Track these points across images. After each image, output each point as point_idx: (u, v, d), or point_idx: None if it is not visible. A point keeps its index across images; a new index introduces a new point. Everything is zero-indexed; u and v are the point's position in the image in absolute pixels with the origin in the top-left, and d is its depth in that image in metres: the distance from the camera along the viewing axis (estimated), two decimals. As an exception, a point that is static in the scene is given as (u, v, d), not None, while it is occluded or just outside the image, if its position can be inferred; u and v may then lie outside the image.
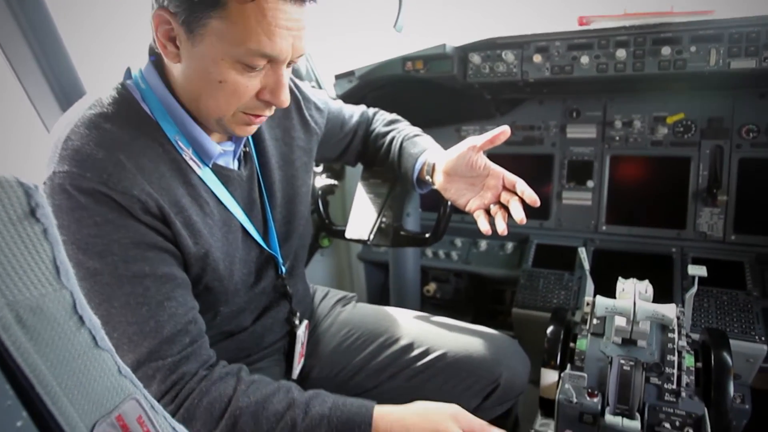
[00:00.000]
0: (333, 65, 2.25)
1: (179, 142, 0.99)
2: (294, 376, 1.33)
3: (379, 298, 2.69)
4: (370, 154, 1.56)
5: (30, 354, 0.56)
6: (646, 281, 1.36)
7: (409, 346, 1.35)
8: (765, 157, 1.85)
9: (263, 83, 0.95)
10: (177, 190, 0.97)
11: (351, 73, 2.19)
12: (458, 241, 2.36)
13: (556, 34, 1.86)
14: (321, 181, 1.89)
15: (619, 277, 1.38)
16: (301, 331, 1.31)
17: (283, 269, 1.23)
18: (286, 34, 0.89)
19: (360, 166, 1.70)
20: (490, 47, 1.96)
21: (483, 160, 1.26)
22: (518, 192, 1.21)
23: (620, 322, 1.28)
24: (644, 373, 1.24)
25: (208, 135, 1.03)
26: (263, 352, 1.27)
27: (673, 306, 1.23)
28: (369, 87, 2.19)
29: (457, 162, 1.26)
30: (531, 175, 1.23)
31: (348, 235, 1.60)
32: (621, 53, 1.76)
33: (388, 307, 1.51)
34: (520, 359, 1.39)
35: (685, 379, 1.26)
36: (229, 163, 1.11)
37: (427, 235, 1.61)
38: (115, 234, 0.88)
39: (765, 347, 1.62)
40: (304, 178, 1.29)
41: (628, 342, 1.33)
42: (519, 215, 1.19)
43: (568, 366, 1.35)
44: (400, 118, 1.60)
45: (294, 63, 0.99)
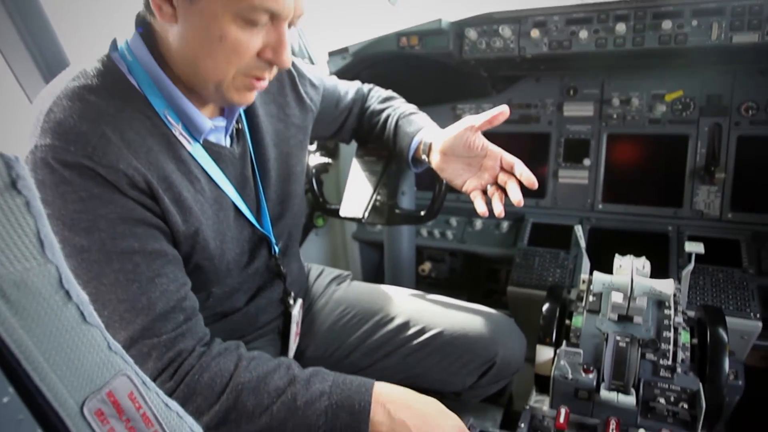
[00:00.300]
0: (326, 42, 2.21)
1: (168, 117, 0.96)
2: (289, 355, 1.32)
3: (374, 278, 2.68)
4: (364, 132, 1.53)
5: (15, 329, 0.55)
6: (643, 258, 1.35)
7: (405, 325, 1.34)
8: (763, 134, 1.83)
9: (265, 41, 0.92)
10: (166, 166, 0.94)
11: (345, 50, 2.14)
12: (453, 220, 2.35)
13: (554, 9, 1.82)
14: (315, 159, 1.86)
15: (616, 254, 1.38)
16: (296, 311, 1.29)
17: (277, 249, 1.22)
18: None
19: (354, 144, 1.67)
20: (487, 22, 1.92)
21: (481, 140, 1.23)
22: (516, 174, 1.19)
23: (617, 298, 1.27)
24: (640, 349, 1.24)
25: (199, 110, 1.00)
26: (258, 333, 1.26)
27: (670, 281, 1.22)
28: (363, 64, 2.15)
29: (455, 142, 1.24)
30: (527, 153, 1.21)
31: (342, 213, 1.58)
32: (621, 27, 1.73)
33: (383, 286, 1.50)
34: (516, 337, 1.39)
35: (680, 355, 1.26)
36: (221, 140, 1.08)
37: (422, 213, 1.59)
38: (101, 209, 0.86)
39: (759, 324, 1.62)
40: (299, 157, 1.27)
41: (624, 319, 1.33)
42: (516, 197, 1.17)
43: (564, 343, 1.35)
44: (395, 95, 1.57)
45: (294, 25, 0.96)
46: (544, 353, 1.41)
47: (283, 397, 0.93)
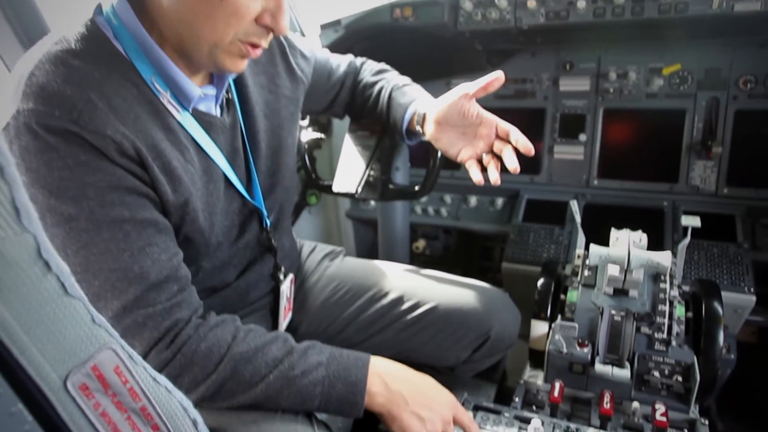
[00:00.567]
0: (318, 15, 2.16)
1: (156, 84, 0.93)
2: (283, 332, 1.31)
3: (368, 256, 2.65)
4: (357, 105, 1.50)
5: (-9, 301, 0.52)
6: (640, 231, 1.34)
7: (399, 300, 1.33)
8: (761, 108, 1.81)
9: (264, 6, 0.89)
10: (155, 134, 0.91)
11: (337, 23, 2.09)
12: (448, 198, 2.33)
13: None
14: (307, 135, 1.82)
15: (612, 228, 1.36)
16: (285, 286, 1.28)
17: (268, 222, 1.19)
18: None
19: (348, 120, 1.64)
20: None
21: (476, 108, 1.21)
22: (512, 141, 1.17)
23: (613, 271, 1.27)
24: (635, 323, 1.24)
25: (188, 78, 0.97)
26: (249, 308, 1.24)
27: (668, 253, 1.21)
28: (356, 37, 2.10)
29: (449, 111, 1.22)
30: (522, 129, 1.18)
31: (335, 189, 1.56)
32: None
33: (376, 261, 1.49)
34: (510, 312, 1.38)
35: (675, 328, 1.26)
36: (211, 109, 1.05)
37: (416, 188, 1.57)
38: (89, 177, 0.83)
39: (753, 298, 1.62)
40: (290, 129, 1.24)
41: (620, 292, 1.32)
42: (512, 164, 1.15)
43: (559, 317, 1.34)
44: (388, 67, 1.54)
45: None
46: (539, 328, 1.41)
47: (281, 366, 0.93)
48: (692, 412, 1.21)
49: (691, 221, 1.36)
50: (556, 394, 1.20)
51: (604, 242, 1.35)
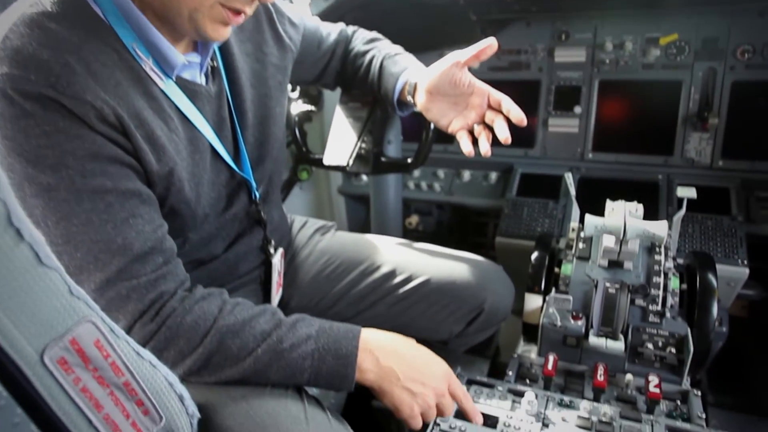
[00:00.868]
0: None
1: (137, 51, 0.89)
2: (272, 305, 1.29)
3: (360, 232, 2.64)
4: (348, 75, 1.46)
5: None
6: (635, 201, 1.32)
7: (391, 273, 1.31)
8: (758, 79, 1.79)
9: None
10: (137, 102, 0.88)
11: (328, -10, 2.03)
12: (441, 172, 2.30)
13: None
14: (297, 107, 1.78)
15: (608, 199, 1.34)
16: (276, 259, 1.25)
17: (257, 194, 1.16)
18: None
19: (339, 92, 1.60)
20: None
21: (467, 77, 1.18)
22: (504, 111, 1.14)
23: (608, 242, 1.25)
24: (629, 295, 1.23)
25: (171, 44, 0.92)
26: (238, 282, 1.22)
27: (664, 223, 1.20)
28: (348, 6, 2.04)
29: (440, 79, 1.19)
30: (516, 102, 1.16)
31: (326, 162, 1.53)
32: None
33: (368, 235, 1.47)
34: (504, 284, 1.36)
35: (669, 300, 1.25)
36: (196, 77, 1.01)
37: (409, 161, 1.54)
38: (68, 145, 0.80)
39: (747, 270, 1.62)
40: (279, 98, 1.20)
41: (614, 265, 1.31)
42: (504, 134, 1.13)
43: (553, 290, 1.33)
44: (380, 36, 1.49)
45: None
46: (533, 301, 1.39)
47: (269, 339, 0.90)
48: (685, 383, 1.21)
49: (687, 192, 1.35)
50: (549, 367, 1.19)
51: (599, 215, 1.33)
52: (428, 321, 1.30)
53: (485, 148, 1.16)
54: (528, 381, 1.29)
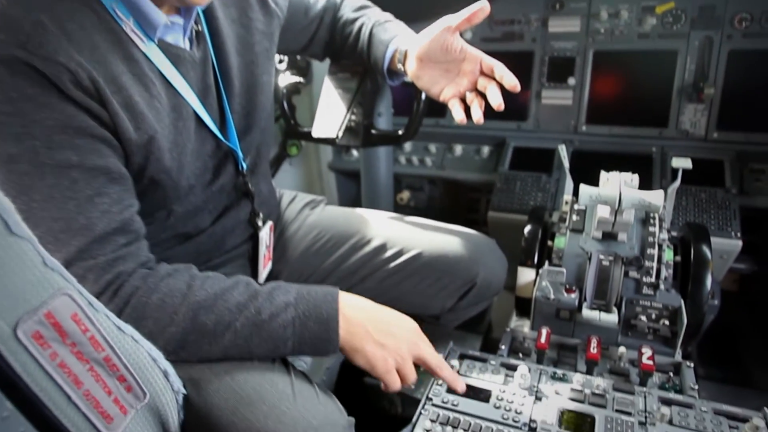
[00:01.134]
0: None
1: (117, 11, 0.84)
2: (260, 281, 1.26)
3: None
4: (337, 44, 1.42)
5: None
6: (630, 172, 1.30)
7: (382, 247, 1.28)
8: (755, 48, 1.76)
9: None
10: (115, 66, 0.83)
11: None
12: (432, 147, 2.26)
13: None
14: (285, 79, 1.73)
15: (602, 170, 1.32)
16: (264, 233, 1.22)
17: (244, 165, 1.12)
18: None
19: (328, 63, 1.55)
20: None
21: (459, 42, 1.14)
22: (497, 77, 1.11)
23: (603, 212, 1.23)
24: (623, 267, 1.21)
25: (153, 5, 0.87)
26: (225, 256, 1.19)
27: (660, 192, 1.18)
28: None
29: (431, 45, 1.15)
30: (509, 74, 1.12)
31: (315, 134, 1.49)
32: None
33: (359, 209, 1.43)
34: (497, 258, 1.34)
35: (663, 272, 1.24)
36: (179, 41, 0.96)
37: (400, 132, 1.50)
38: (36, 114, 0.75)
39: (740, 243, 1.62)
40: (266, 66, 1.16)
41: (608, 237, 1.29)
42: (497, 100, 1.09)
43: (546, 264, 1.31)
44: (369, 3, 1.44)
45: None
46: (526, 275, 1.38)
47: (246, 312, 0.87)
48: (678, 355, 1.21)
49: (682, 163, 1.33)
50: (542, 340, 1.18)
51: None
52: (420, 295, 1.28)
53: (477, 116, 1.12)
54: (521, 355, 1.28)
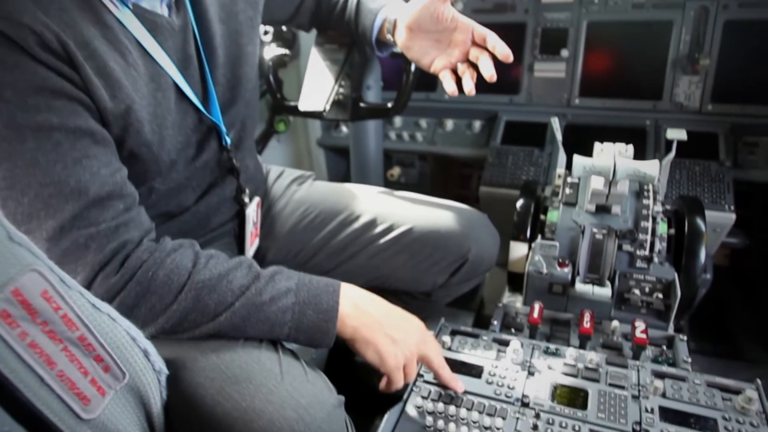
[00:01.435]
0: None
1: None
2: (247, 258, 1.23)
3: (341, 185, 2.58)
4: (324, 14, 1.37)
5: None
6: (624, 143, 1.27)
7: (372, 223, 1.25)
8: (751, 18, 1.72)
9: None
10: (86, 30, 0.78)
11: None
12: (423, 122, 2.22)
13: None
14: (270, 51, 1.68)
15: (596, 142, 1.29)
16: (251, 209, 1.18)
17: (228, 140, 1.08)
18: None
19: (315, 33, 1.50)
20: None
21: (450, 11, 1.10)
22: (489, 47, 1.07)
23: (597, 184, 1.21)
24: (617, 240, 1.19)
25: None
26: (210, 235, 1.15)
27: (655, 162, 1.15)
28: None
29: (422, 14, 1.11)
30: (501, 47, 1.08)
31: (301, 107, 1.44)
32: None
33: (348, 184, 1.40)
34: (489, 233, 1.32)
35: (657, 245, 1.22)
36: (156, 6, 0.90)
37: (389, 105, 1.46)
38: (5, 76, 0.71)
39: (733, 216, 1.60)
40: (250, 36, 1.11)
41: (602, 210, 1.27)
42: (489, 71, 1.06)
43: (539, 238, 1.29)
44: (357, -29, 1.38)
45: None
46: (518, 250, 1.36)
47: (247, 293, 0.85)
48: (670, 329, 1.20)
49: (677, 134, 1.30)
50: (535, 315, 1.17)
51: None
52: (411, 271, 1.25)
53: (469, 87, 1.09)
54: (513, 330, 1.27)
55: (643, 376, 1.01)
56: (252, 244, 1.24)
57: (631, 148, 1.26)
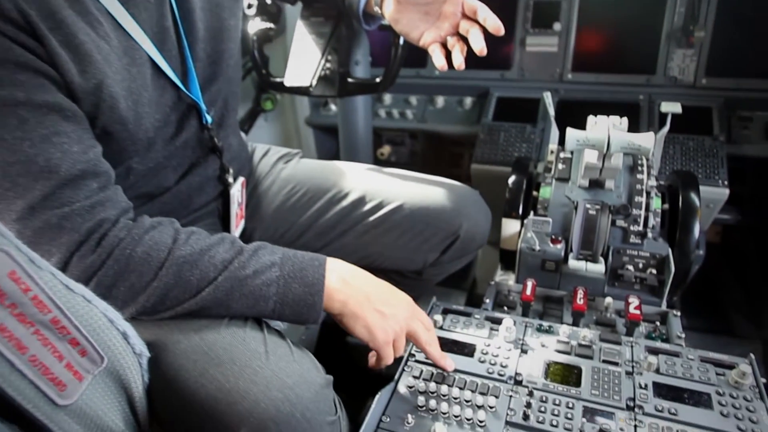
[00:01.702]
0: None
1: None
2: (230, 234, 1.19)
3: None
4: (309, -15, 1.32)
5: None
6: (618, 116, 1.25)
7: (361, 200, 1.22)
8: (748, -11, 1.68)
9: None
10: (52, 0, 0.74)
11: None
12: (413, 99, 2.18)
13: None
14: (255, 25, 1.62)
15: (590, 115, 1.26)
16: (236, 189, 1.15)
17: (209, 118, 1.04)
18: None
19: (300, 6, 1.45)
20: None
21: None
22: (479, 19, 1.03)
23: (591, 157, 1.18)
24: (610, 216, 1.17)
25: None
26: (193, 216, 1.12)
27: (650, 135, 1.13)
28: None
29: None
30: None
31: (287, 83, 1.40)
32: None
33: (336, 162, 1.36)
34: (480, 209, 1.29)
35: (651, 221, 1.20)
36: None
37: (378, 80, 1.42)
38: None
39: (727, 191, 1.59)
40: (232, 9, 1.06)
41: (595, 185, 1.25)
42: (479, 45, 1.01)
43: (531, 214, 1.27)
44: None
45: None
46: (510, 227, 1.34)
47: (230, 266, 0.82)
48: (664, 305, 1.18)
49: (671, 108, 1.27)
50: (528, 292, 1.15)
51: None
52: (401, 249, 1.23)
53: (459, 61, 1.05)
54: (506, 308, 1.25)
55: (636, 352, 1.00)
56: (238, 225, 1.20)
57: (625, 120, 1.24)
